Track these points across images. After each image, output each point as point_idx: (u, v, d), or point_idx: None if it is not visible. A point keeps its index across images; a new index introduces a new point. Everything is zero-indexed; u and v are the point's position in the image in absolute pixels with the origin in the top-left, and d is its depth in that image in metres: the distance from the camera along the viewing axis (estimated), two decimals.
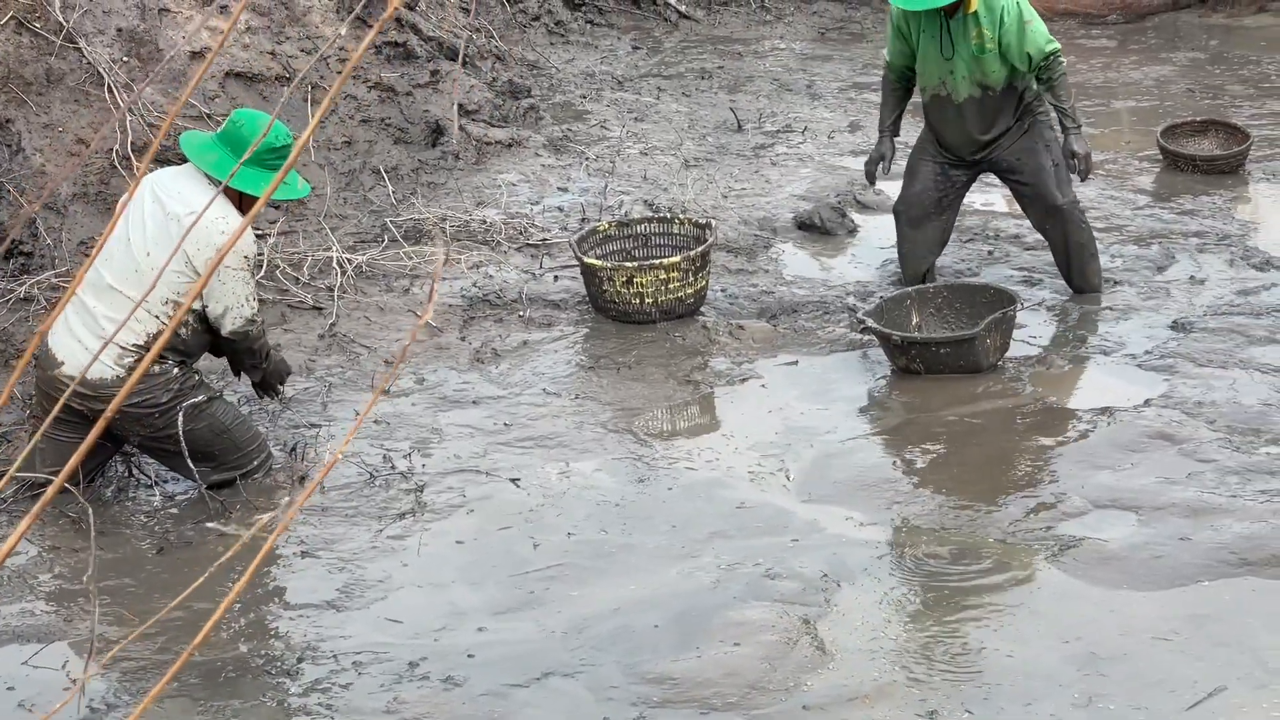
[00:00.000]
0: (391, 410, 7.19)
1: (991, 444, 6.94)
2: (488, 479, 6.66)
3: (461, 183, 9.98)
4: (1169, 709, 5.04)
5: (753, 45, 13.99)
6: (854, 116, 11.69)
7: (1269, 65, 12.92)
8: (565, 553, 6.10)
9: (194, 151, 6.34)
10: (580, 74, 12.75)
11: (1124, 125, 11.46)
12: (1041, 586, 5.77)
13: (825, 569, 5.89)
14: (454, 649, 5.52)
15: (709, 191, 9.99)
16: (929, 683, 5.21)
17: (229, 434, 6.52)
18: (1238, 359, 7.52)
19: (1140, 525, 6.15)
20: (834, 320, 8.11)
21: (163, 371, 6.33)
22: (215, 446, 6.47)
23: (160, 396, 6.32)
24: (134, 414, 6.29)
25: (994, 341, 7.48)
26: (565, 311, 8.30)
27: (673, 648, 5.46)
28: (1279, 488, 6.34)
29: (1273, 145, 10.78)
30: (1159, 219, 9.46)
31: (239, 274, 6.34)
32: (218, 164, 6.29)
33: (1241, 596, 5.66)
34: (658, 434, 7.07)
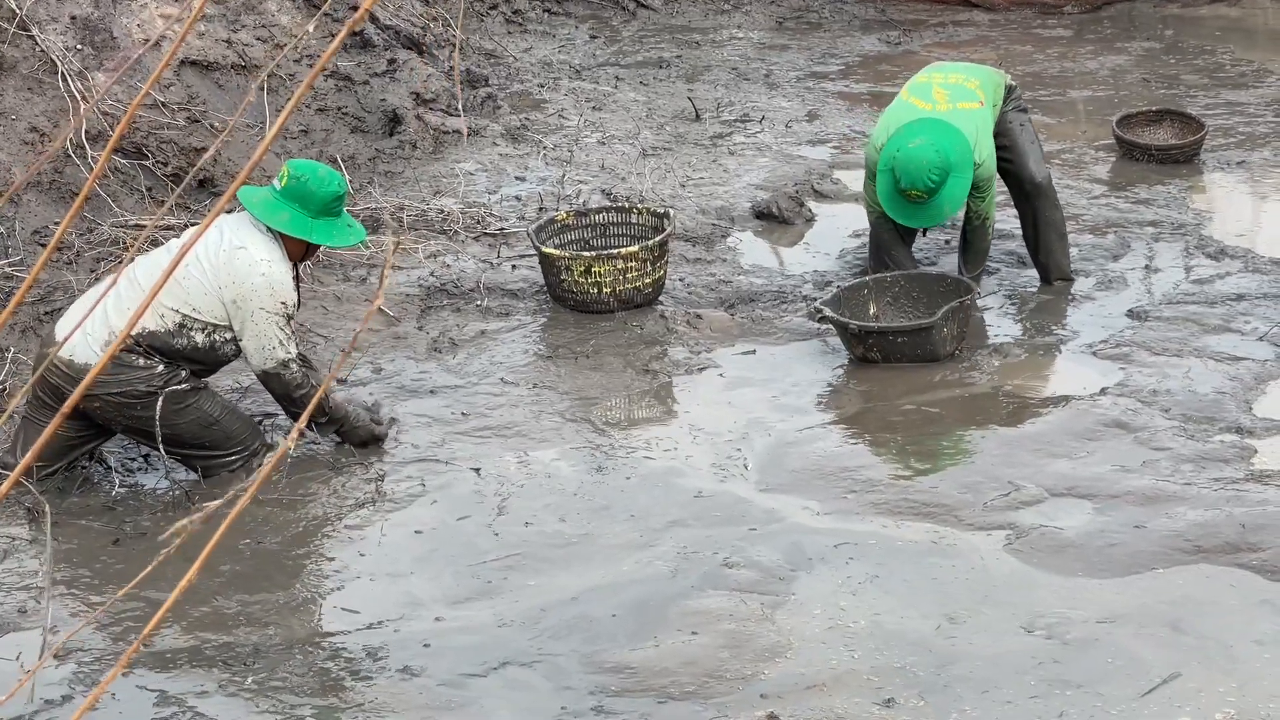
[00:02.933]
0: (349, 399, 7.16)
1: (948, 433, 6.97)
2: (446, 468, 6.65)
3: (419, 172, 9.95)
4: (1125, 695, 5.06)
5: (710, 34, 13.98)
6: (812, 106, 11.70)
7: (1223, 55, 12.98)
8: (523, 542, 6.10)
9: (264, 212, 6.43)
10: (538, 63, 12.72)
11: (1080, 115, 11.50)
12: (998, 574, 5.79)
13: (783, 558, 5.90)
14: (411, 639, 5.51)
15: (667, 181, 9.99)
16: (886, 671, 5.23)
17: (219, 425, 6.53)
18: (1192, 347, 7.56)
19: (1096, 513, 6.18)
20: (792, 309, 8.12)
21: (146, 365, 6.34)
22: (206, 438, 6.49)
23: (138, 386, 6.32)
24: (114, 401, 6.32)
25: (951, 330, 7.51)
26: (523, 301, 8.29)
27: (630, 637, 5.46)
28: (1233, 475, 6.38)
29: (1227, 135, 10.83)
30: (1115, 208, 9.50)
31: (272, 318, 6.38)
32: (291, 222, 6.42)
33: (1196, 583, 5.70)
34: (616, 423, 7.07)
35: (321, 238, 6.50)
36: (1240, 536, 5.93)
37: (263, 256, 6.37)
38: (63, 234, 2.42)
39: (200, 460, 6.53)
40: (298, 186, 6.43)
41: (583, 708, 5.12)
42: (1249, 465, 6.48)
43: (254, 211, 6.43)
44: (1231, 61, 12.79)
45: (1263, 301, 8.03)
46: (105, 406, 6.34)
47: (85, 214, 8.22)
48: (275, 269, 6.37)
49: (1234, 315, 7.89)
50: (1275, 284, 8.26)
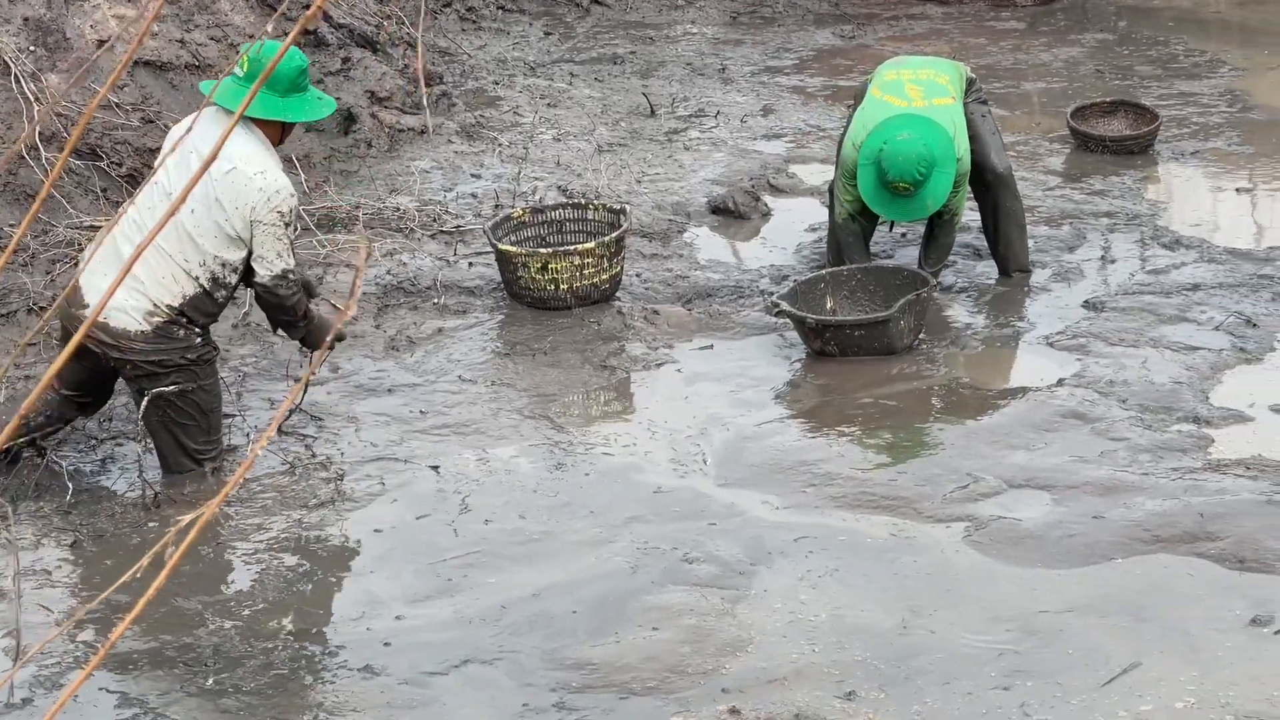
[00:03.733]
0: (307, 399, 7.14)
1: (906, 425, 6.98)
2: (405, 467, 6.63)
3: (375, 170, 9.92)
4: (1085, 685, 5.08)
5: (665, 30, 13.98)
6: (767, 100, 11.71)
7: (1176, 46, 13.04)
8: (483, 540, 6.08)
9: (235, 101, 6.28)
10: (492, 60, 12.70)
11: (1034, 107, 11.54)
12: (957, 566, 5.81)
13: (743, 552, 5.90)
14: (372, 637, 5.49)
15: (623, 177, 9.98)
16: (847, 664, 5.23)
17: (213, 414, 6.53)
18: (1149, 337, 7.59)
19: (1054, 504, 6.20)
20: (749, 304, 8.12)
21: (186, 336, 6.35)
22: (198, 424, 6.47)
23: (176, 359, 6.34)
24: (147, 368, 6.33)
25: (908, 323, 7.52)
26: (480, 298, 8.27)
27: (591, 633, 5.45)
28: (1190, 465, 6.40)
29: (1181, 125, 10.88)
30: (1070, 199, 9.53)
31: (272, 229, 6.27)
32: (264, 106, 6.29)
33: (1154, 573, 5.72)
34: (574, 420, 7.06)
35: (296, 114, 6.41)
36: (1198, 526, 5.95)
37: (255, 169, 6.23)
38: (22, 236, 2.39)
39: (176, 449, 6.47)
40: (261, 68, 6.28)
41: (544, 704, 5.11)
42: (1206, 454, 6.50)
43: (224, 103, 6.31)
44: (1185, 52, 12.85)
45: (1218, 291, 8.07)
46: (139, 372, 6.35)
47: (40, 215, 8.16)
48: (269, 176, 6.24)
49: (1190, 305, 7.93)
50: (1230, 273, 8.30)
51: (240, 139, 6.27)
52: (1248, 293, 8.05)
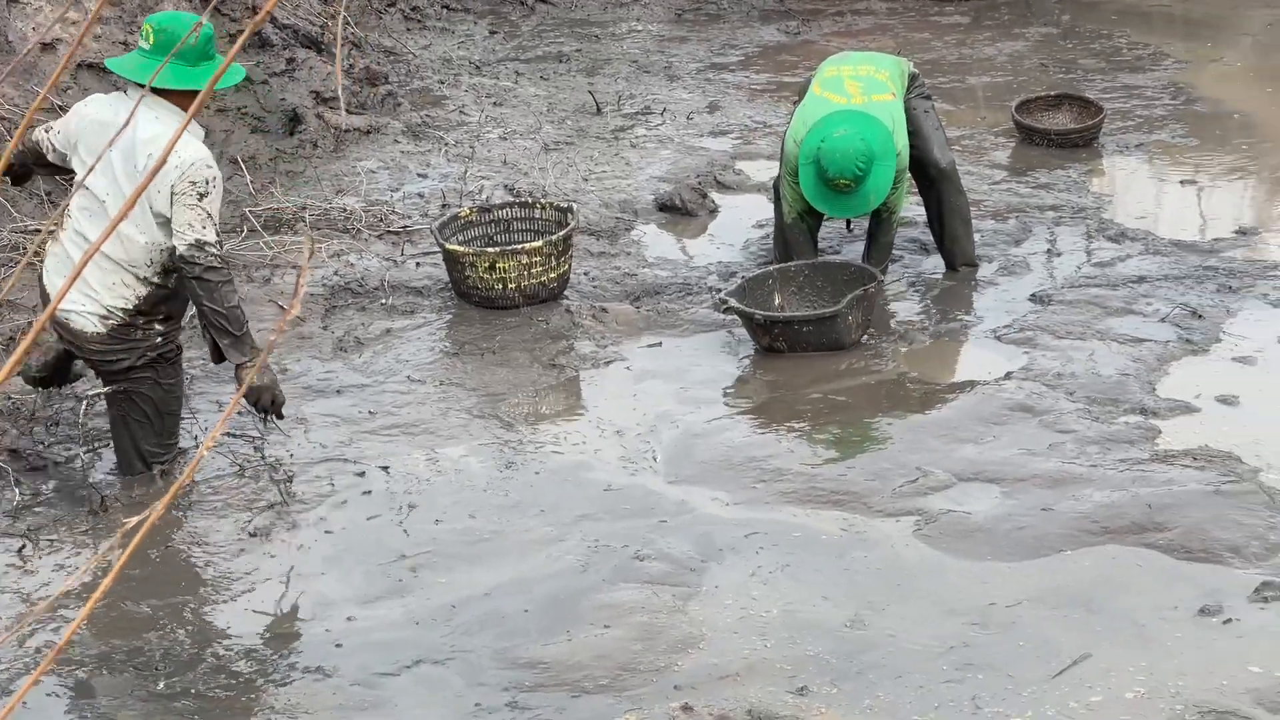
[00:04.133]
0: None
1: (856, 420, 6.99)
2: (354, 467, 6.60)
3: (320, 171, 9.88)
4: (1036, 676, 5.09)
5: (610, 27, 13.98)
6: (713, 97, 11.72)
7: (1120, 39, 13.12)
8: (433, 540, 6.06)
9: (144, 74, 6.11)
10: (437, 59, 12.66)
11: (979, 101, 11.58)
12: (908, 560, 5.82)
13: (694, 549, 5.90)
14: (323, 639, 5.47)
15: (569, 175, 9.97)
16: (799, 659, 5.23)
17: (161, 420, 6.46)
18: (1095, 330, 7.62)
19: (1003, 497, 6.22)
20: (697, 301, 8.12)
21: (144, 336, 6.31)
22: (155, 425, 6.44)
23: (136, 361, 6.32)
24: (108, 368, 6.35)
25: (856, 318, 7.53)
26: (428, 298, 8.24)
27: (543, 632, 5.44)
28: (1138, 456, 6.43)
29: (1125, 118, 10.94)
30: (1015, 193, 9.57)
31: (185, 198, 6.08)
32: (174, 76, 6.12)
33: (1103, 564, 5.74)
34: (524, 419, 7.04)
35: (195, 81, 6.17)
36: (1146, 517, 5.98)
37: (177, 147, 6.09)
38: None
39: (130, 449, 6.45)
40: (168, 38, 6.16)
41: (497, 704, 5.10)
42: (1153, 446, 6.54)
43: (133, 76, 6.17)
44: (1128, 45, 12.93)
45: (1163, 283, 8.12)
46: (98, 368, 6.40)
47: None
48: (183, 151, 6.08)
49: (1136, 297, 7.97)
50: (1175, 265, 8.35)
51: (151, 122, 6.13)
52: (1193, 284, 8.10)
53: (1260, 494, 6.09)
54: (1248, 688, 4.99)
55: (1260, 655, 5.15)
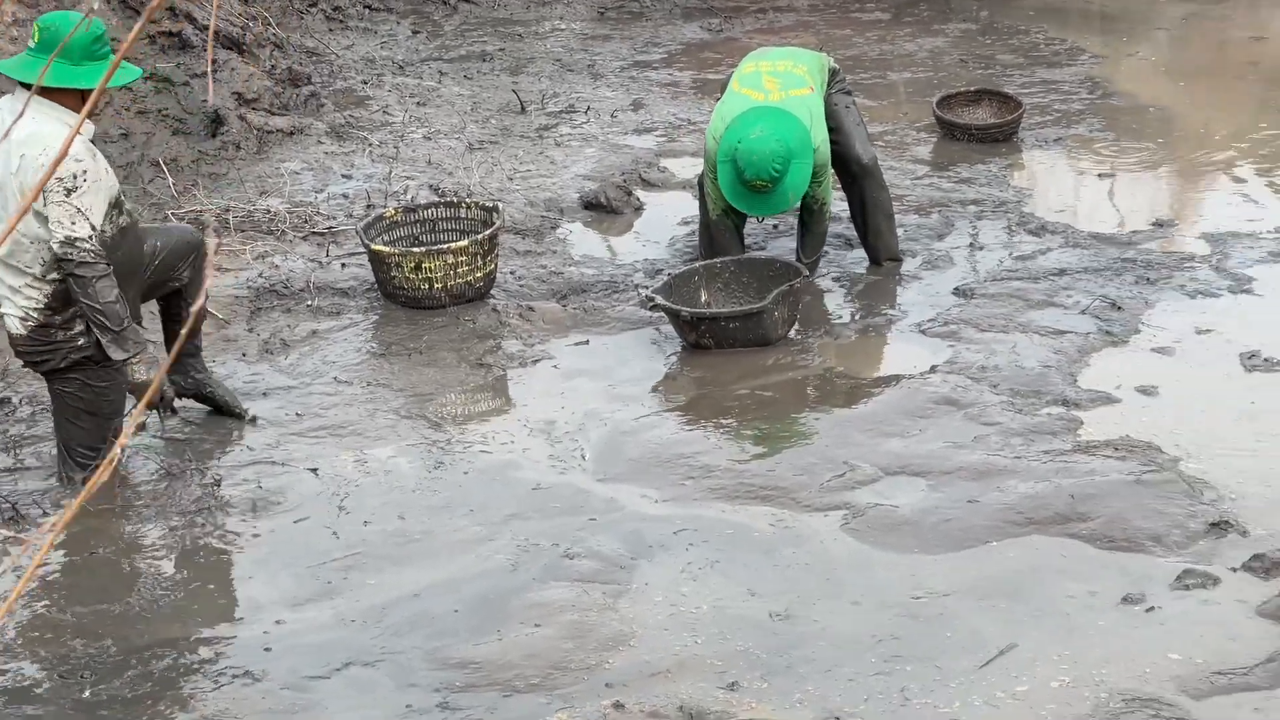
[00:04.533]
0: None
1: (783, 416, 7.02)
2: (282, 470, 6.58)
3: (244, 172, 9.83)
4: (963, 667, 5.14)
5: (533, 26, 13.98)
6: (636, 95, 11.75)
7: (1037, 34, 13.24)
8: (363, 541, 6.05)
9: (27, 72, 6.09)
10: (360, 59, 12.63)
11: (900, 97, 11.66)
12: (836, 554, 5.85)
13: (623, 547, 5.92)
14: (252, 642, 5.44)
15: (494, 174, 9.96)
16: (730, 655, 5.26)
17: (94, 420, 6.40)
18: (1018, 323, 7.70)
19: (930, 490, 6.27)
20: (623, 298, 8.14)
21: (66, 339, 6.26)
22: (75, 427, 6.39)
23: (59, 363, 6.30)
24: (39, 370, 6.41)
25: (782, 314, 7.57)
26: (354, 299, 8.22)
27: (473, 632, 5.45)
28: (1060, 447, 6.50)
29: (1044, 113, 11.04)
30: (938, 188, 9.64)
31: (53, 195, 5.99)
32: (57, 74, 6.04)
33: (1028, 555, 5.80)
34: (452, 419, 7.04)
35: (92, 81, 6.10)
36: (1070, 507, 6.05)
37: (38, 149, 6.02)
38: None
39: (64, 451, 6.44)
40: (52, 36, 6.10)
41: (428, 705, 5.10)
42: (1076, 437, 6.60)
43: (15, 74, 6.13)
44: (1045, 41, 13.05)
45: (1084, 275, 8.21)
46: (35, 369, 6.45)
47: None
48: (51, 151, 5.98)
49: (1057, 290, 8.05)
50: (1095, 258, 8.44)
51: (28, 121, 6.05)
52: (1112, 276, 8.19)
53: (1180, 483, 6.16)
54: (1170, 675, 5.06)
55: (1182, 642, 5.22)
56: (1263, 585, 5.51)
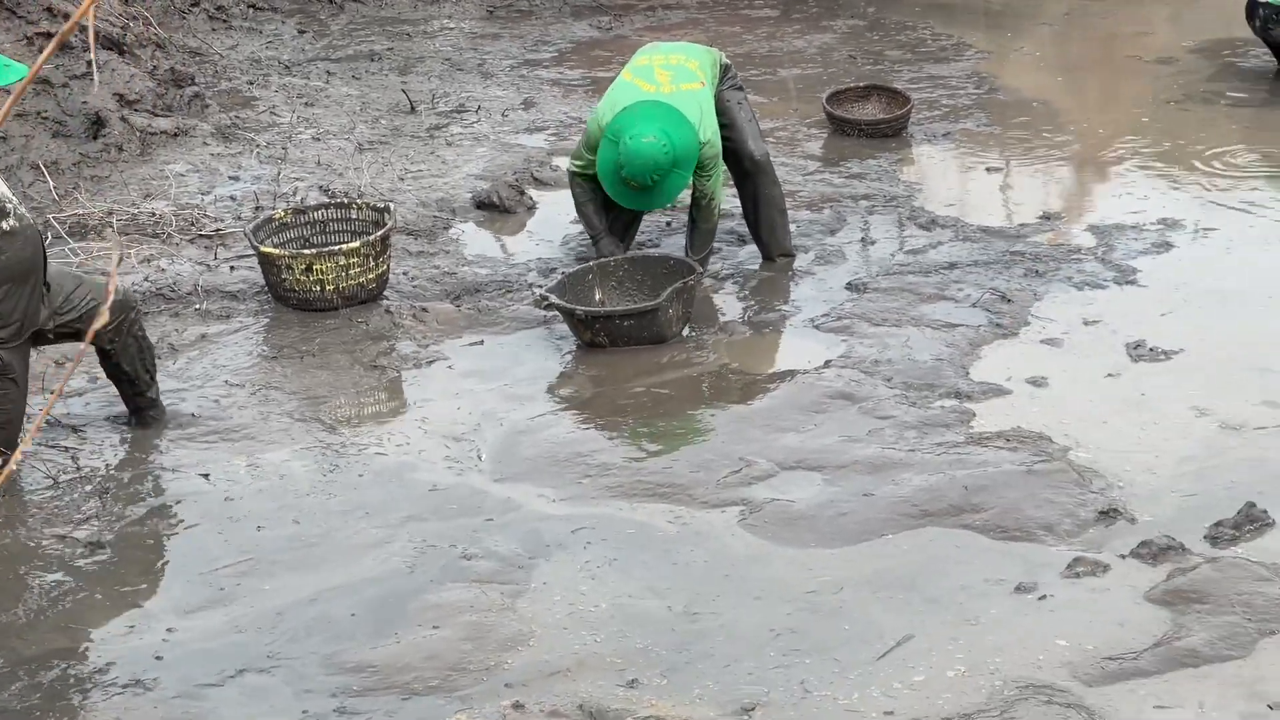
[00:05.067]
0: (65, 411, 6.98)
1: (679, 413, 7.03)
2: (174, 475, 6.51)
3: (127, 175, 9.72)
4: (861, 659, 5.17)
5: (421, 25, 13.91)
6: (527, 94, 11.72)
7: (924, 30, 13.35)
8: (256, 546, 5.99)
9: None
10: (245, 60, 12.52)
11: (791, 93, 11.71)
12: (734, 550, 5.87)
13: (521, 547, 5.90)
14: (142, 651, 5.38)
15: (385, 174, 9.91)
16: (629, 653, 5.26)
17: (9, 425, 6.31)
18: (910, 316, 7.75)
19: (826, 484, 6.30)
20: (517, 298, 8.12)
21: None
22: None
23: None
24: None
25: (676, 311, 7.58)
26: (244, 302, 8.15)
27: (371, 635, 5.41)
28: (954, 440, 6.55)
29: (932, 108, 11.13)
30: (829, 183, 9.69)
31: None
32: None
33: (924, 546, 5.84)
34: (346, 421, 6.99)
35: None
36: (964, 498, 6.10)
37: None
38: None
39: None
40: None
41: (325, 710, 5.06)
42: (968, 429, 6.66)
43: None
44: (932, 36, 13.16)
45: (974, 268, 8.28)
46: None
47: None
48: None
49: (948, 283, 8.12)
50: (984, 251, 8.51)
51: None
52: (1001, 269, 8.27)
53: (1070, 472, 6.24)
54: (1063, 661, 5.12)
55: (1073, 629, 5.28)
56: (1151, 571, 5.59)
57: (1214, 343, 7.40)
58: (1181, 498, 6.08)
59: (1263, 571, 5.54)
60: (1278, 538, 5.78)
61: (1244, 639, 5.21)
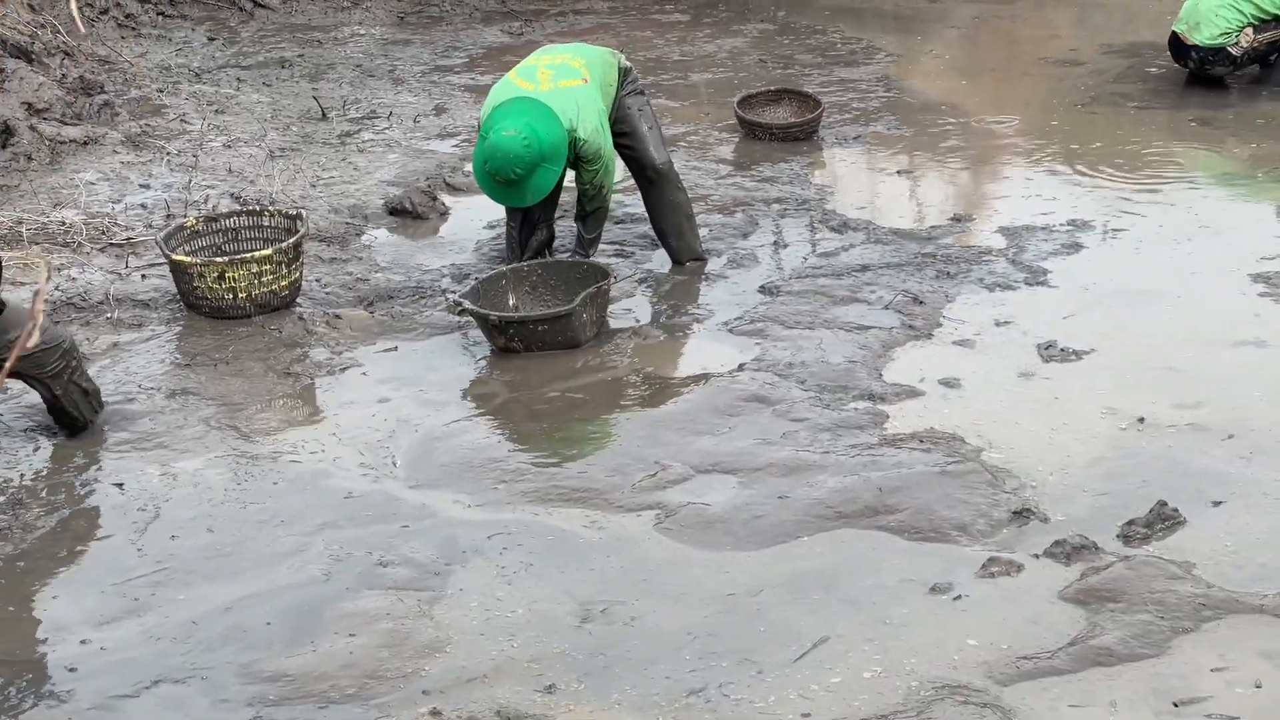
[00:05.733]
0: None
1: (594, 417, 7.04)
2: (86, 486, 6.46)
3: (36, 184, 9.63)
4: (778, 661, 5.20)
5: (332, 32, 13.87)
6: (438, 100, 11.71)
7: (834, 34, 13.44)
8: (171, 555, 5.95)
9: None
10: (155, 67, 12.43)
11: (702, 97, 11.75)
12: (651, 554, 5.88)
13: (437, 553, 5.89)
14: (55, 665, 5.32)
15: (297, 181, 9.86)
16: (546, 658, 5.26)
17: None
18: (823, 319, 7.80)
19: (741, 487, 6.32)
20: (431, 304, 8.11)
21: None
22: None
23: None
24: None
25: (590, 316, 7.59)
26: (156, 311, 8.09)
27: (287, 644, 5.39)
28: (868, 441, 6.60)
29: (843, 111, 11.21)
30: (741, 187, 9.74)
31: None
32: None
33: (839, 548, 5.87)
34: (260, 429, 6.95)
35: None
36: (878, 500, 6.14)
37: None
38: None
39: None
40: None
41: (241, 719, 5.04)
42: (882, 430, 6.71)
43: None
44: (842, 40, 13.26)
45: (886, 271, 8.34)
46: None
47: None
48: None
49: (860, 286, 8.17)
50: (896, 253, 8.58)
51: None
52: (913, 271, 8.34)
53: (983, 473, 6.29)
54: (978, 661, 5.16)
55: (988, 629, 5.32)
56: (1064, 570, 5.65)
57: (1124, 342, 7.49)
58: (1094, 497, 6.15)
59: (1174, 570, 5.61)
60: (1189, 536, 5.85)
61: (1157, 637, 5.27)
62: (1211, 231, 8.87)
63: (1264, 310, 7.78)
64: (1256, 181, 9.93)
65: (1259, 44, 11.16)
